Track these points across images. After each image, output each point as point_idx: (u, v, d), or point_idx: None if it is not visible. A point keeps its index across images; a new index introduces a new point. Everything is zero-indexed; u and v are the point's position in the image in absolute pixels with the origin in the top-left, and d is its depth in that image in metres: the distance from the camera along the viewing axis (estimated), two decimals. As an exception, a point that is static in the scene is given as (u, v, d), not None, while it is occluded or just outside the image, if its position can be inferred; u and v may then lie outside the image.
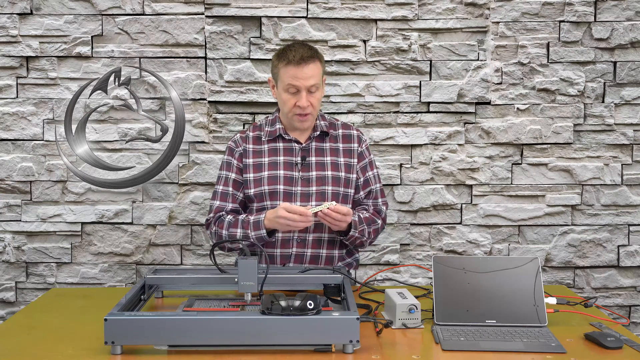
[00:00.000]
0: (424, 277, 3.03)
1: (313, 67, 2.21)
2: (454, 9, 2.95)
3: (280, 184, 2.26)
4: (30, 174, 2.95)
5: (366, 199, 2.37)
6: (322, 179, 2.28)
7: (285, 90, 2.22)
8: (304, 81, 2.19)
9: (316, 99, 2.23)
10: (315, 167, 2.29)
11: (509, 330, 1.76)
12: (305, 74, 2.19)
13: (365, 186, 2.36)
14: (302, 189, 2.27)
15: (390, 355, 1.62)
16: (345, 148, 2.34)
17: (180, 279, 2.04)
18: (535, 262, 1.90)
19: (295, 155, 2.30)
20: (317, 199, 2.26)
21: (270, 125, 2.33)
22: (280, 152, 2.30)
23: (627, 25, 2.96)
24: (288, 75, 2.20)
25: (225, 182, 2.32)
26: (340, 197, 2.29)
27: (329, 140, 2.33)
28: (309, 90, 2.20)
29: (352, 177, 2.33)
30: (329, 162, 2.30)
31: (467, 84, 2.97)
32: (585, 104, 3.00)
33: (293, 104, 2.21)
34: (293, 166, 2.28)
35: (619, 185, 3.04)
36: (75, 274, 3.01)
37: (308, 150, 2.30)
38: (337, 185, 2.29)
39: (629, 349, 1.67)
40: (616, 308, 3.06)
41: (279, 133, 2.30)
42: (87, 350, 1.64)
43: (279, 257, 2.27)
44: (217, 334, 1.59)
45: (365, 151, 2.38)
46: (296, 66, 2.18)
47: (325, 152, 2.32)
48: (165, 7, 2.92)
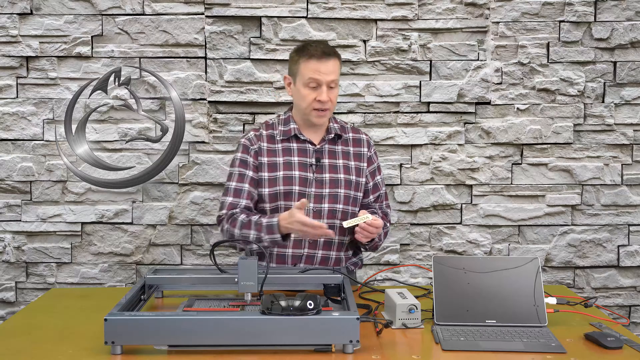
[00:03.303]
0: (424, 277, 3.03)
1: (334, 63, 2.22)
2: (454, 9, 2.95)
3: (296, 184, 2.25)
4: (30, 174, 2.95)
5: (375, 202, 2.38)
6: (335, 181, 2.28)
7: (306, 85, 2.21)
8: (326, 75, 2.19)
9: (334, 95, 2.24)
10: (328, 170, 2.29)
11: (509, 330, 1.76)
12: (327, 68, 2.19)
13: (375, 190, 2.38)
14: (315, 191, 2.26)
15: (390, 355, 1.62)
16: (355, 152, 2.34)
17: (180, 279, 2.04)
18: (535, 262, 1.90)
19: (309, 156, 2.29)
20: (330, 201, 2.27)
21: (283, 124, 2.31)
22: (295, 152, 2.29)
23: (627, 25, 2.96)
24: (309, 69, 2.20)
25: (240, 179, 2.27)
26: (351, 200, 2.30)
27: (340, 144, 2.33)
28: (329, 86, 2.21)
29: (362, 181, 2.33)
30: (341, 165, 2.31)
31: (467, 84, 2.97)
32: (585, 104, 3.00)
33: (313, 99, 2.21)
34: (307, 167, 2.27)
35: (619, 185, 3.04)
36: (75, 274, 3.00)
37: (322, 152, 2.30)
38: (349, 188, 2.29)
39: (629, 349, 1.67)
40: (616, 308, 3.06)
41: (294, 133, 2.29)
42: (87, 350, 1.64)
43: (290, 257, 2.27)
44: (217, 334, 1.59)
45: (373, 156, 2.40)
46: (318, 60, 2.19)
47: (338, 155, 2.32)
48: (165, 7, 2.92)
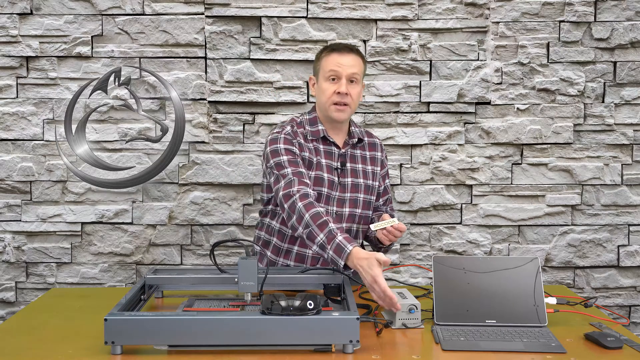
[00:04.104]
0: (424, 277, 3.03)
1: (355, 58, 2.22)
2: (454, 9, 2.95)
3: (325, 186, 2.23)
4: (30, 174, 2.95)
5: (384, 205, 2.40)
6: (356, 186, 2.29)
7: (326, 79, 2.20)
8: (346, 68, 2.18)
9: (355, 92, 2.21)
10: (350, 174, 2.29)
11: (509, 330, 1.76)
12: (348, 61, 2.19)
13: (385, 194, 2.40)
14: (338, 195, 2.26)
15: (390, 355, 1.61)
16: (371, 156, 2.35)
17: (180, 279, 2.04)
18: (535, 262, 1.90)
19: (334, 159, 2.27)
20: (350, 205, 2.27)
21: (310, 124, 2.28)
22: (322, 154, 2.27)
23: (627, 25, 2.96)
24: (330, 62, 2.20)
25: (293, 164, 2.13)
26: (369, 205, 2.31)
27: (359, 148, 2.34)
28: (350, 80, 2.19)
29: (376, 185, 2.35)
30: (360, 170, 2.31)
31: (467, 84, 2.97)
32: (585, 104, 3.00)
33: (332, 92, 2.19)
34: (332, 170, 2.26)
35: (619, 185, 3.04)
36: (75, 274, 3.00)
37: (345, 156, 2.29)
38: (368, 193, 2.30)
39: (629, 349, 1.67)
40: (616, 308, 3.06)
41: (323, 134, 2.26)
42: (87, 350, 1.64)
43: (295, 254, 2.26)
44: (217, 334, 1.59)
45: (384, 160, 2.41)
46: (339, 53, 2.20)
47: (358, 160, 2.32)
48: (165, 7, 2.92)
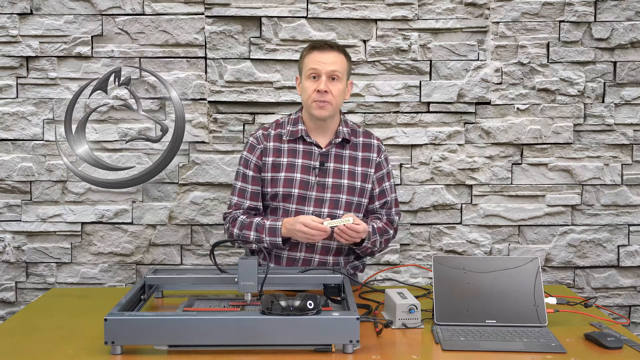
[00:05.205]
0: (424, 277, 3.03)
1: (336, 55, 2.21)
2: (454, 9, 2.95)
3: (296, 187, 2.24)
4: (30, 174, 2.95)
5: (381, 208, 2.35)
6: (338, 186, 2.27)
7: (308, 77, 2.21)
8: (326, 65, 2.18)
9: (337, 89, 2.20)
10: (332, 174, 2.27)
11: (509, 330, 1.76)
12: (327, 58, 2.19)
13: (381, 197, 2.35)
14: (316, 194, 2.25)
15: (390, 355, 1.62)
16: (364, 157, 2.32)
17: (180, 279, 2.03)
18: (535, 262, 1.90)
19: (313, 159, 2.27)
20: (330, 206, 2.26)
21: (292, 124, 2.30)
22: (300, 154, 2.27)
23: (627, 25, 2.96)
24: (310, 60, 2.20)
25: (244, 179, 2.30)
26: (353, 207, 2.28)
27: (348, 148, 2.31)
28: (330, 77, 2.19)
29: (368, 187, 2.31)
30: (346, 170, 2.29)
31: (467, 84, 2.97)
32: (585, 104, 3.00)
33: (313, 90, 2.19)
34: (310, 170, 2.26)
35: (619, 185, 3.04)
36: (75, 274, 3.00)
37: (327, 156, 2.28)
38: (352, 194, 2.28)
39: (629, 349, 1.67)
40: (616, 308, 3.06)
41: (301, 134, 2.27)
42: (87, 350, 1.64)
43: (286, 259, 2.27)
44: (217, 334, 1.59)
45: (383, 162, 2.36)
46: (319, 51, 2.20)
47: (344, 160, 2.30)
48: (165, 7, 2.92)
